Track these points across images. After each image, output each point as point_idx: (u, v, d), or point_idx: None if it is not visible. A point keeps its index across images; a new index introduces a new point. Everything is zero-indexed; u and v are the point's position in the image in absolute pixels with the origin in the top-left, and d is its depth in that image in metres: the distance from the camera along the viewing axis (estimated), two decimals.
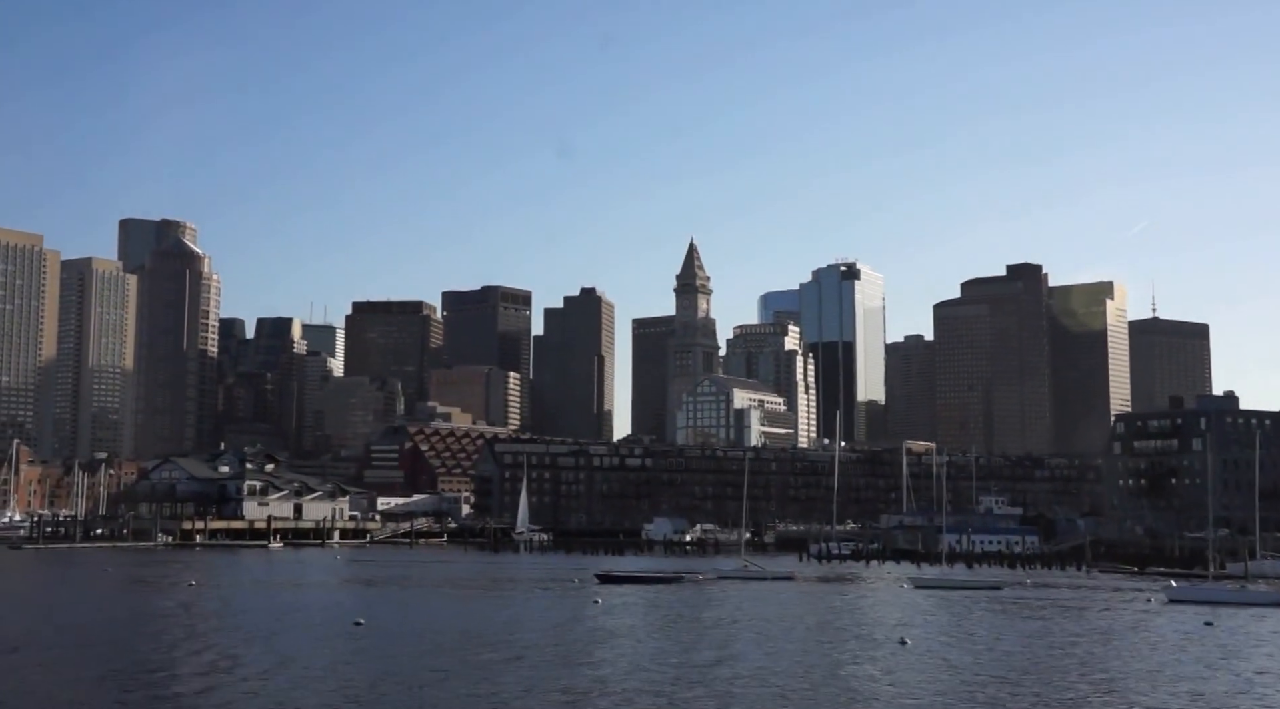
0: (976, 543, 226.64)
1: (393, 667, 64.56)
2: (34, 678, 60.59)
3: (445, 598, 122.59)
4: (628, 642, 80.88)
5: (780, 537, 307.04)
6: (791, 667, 67.95)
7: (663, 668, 66.76)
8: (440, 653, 72.23)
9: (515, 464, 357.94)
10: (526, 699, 55.80)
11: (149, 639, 77.96)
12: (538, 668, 65.93)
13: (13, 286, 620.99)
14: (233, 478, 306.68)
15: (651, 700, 55.68)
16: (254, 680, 59.16)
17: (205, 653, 71.22)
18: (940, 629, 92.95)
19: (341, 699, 54.88)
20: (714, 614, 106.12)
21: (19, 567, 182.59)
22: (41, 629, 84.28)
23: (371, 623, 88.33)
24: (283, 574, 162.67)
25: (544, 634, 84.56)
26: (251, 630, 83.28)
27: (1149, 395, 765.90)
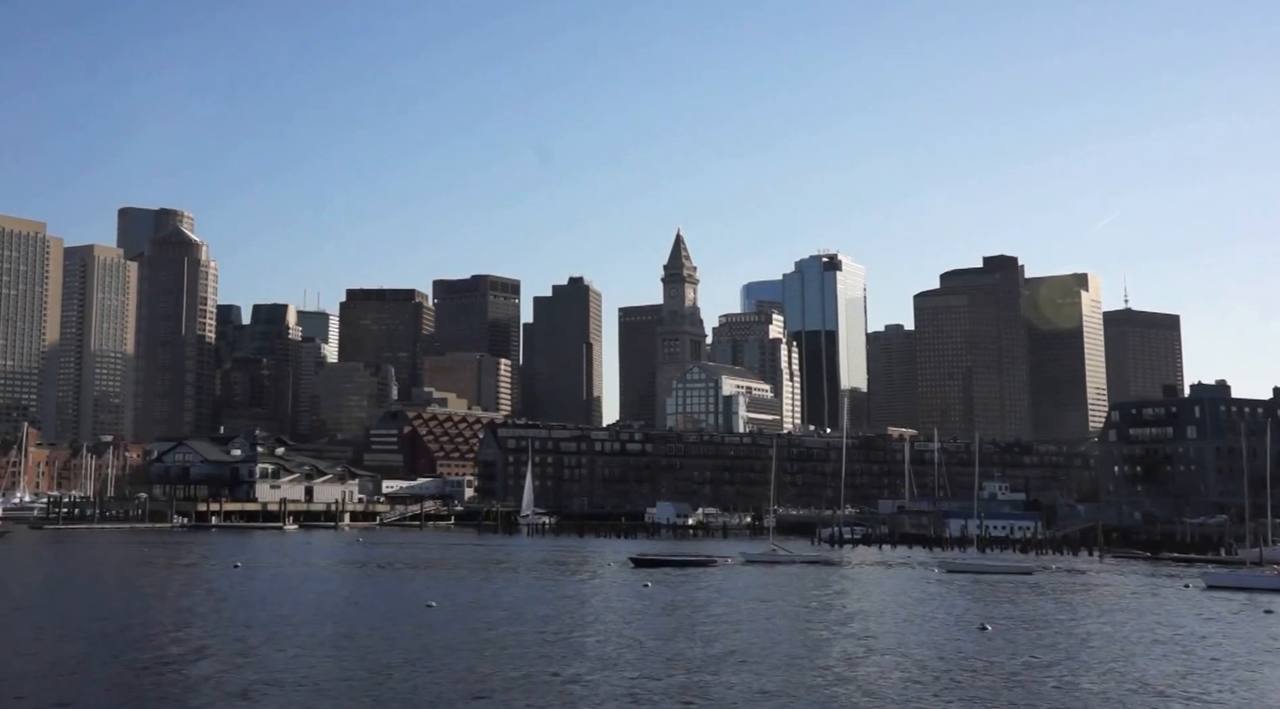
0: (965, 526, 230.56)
1: (526, 655, 64.07)
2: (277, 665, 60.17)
3: (494, 581, 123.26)
4: (747, 627, 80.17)
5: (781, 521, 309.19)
6: (929, 656, 66.77)
7: (817, 655, 66.89)
8: (554, 640, 71.66)
9: (518, 448, 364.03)
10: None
11: (279, 629, 74.83)
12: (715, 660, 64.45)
13: (17, 273, 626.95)
14: (245, 461, 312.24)
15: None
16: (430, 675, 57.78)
17: (352, 646, 68.02)
18: (1008, 614, 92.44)
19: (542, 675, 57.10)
20: (791, 598, 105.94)
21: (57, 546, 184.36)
22: (177, 615, 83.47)
23: (442, 606, 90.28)
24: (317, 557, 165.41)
25: (634, 619, 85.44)
26: (352, 619, 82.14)
27: (1123, 384, 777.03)
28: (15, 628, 74.93)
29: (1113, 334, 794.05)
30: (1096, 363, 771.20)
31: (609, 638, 72.82)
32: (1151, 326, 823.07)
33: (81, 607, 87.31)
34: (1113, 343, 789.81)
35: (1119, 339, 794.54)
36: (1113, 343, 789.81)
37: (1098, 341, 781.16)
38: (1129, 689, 56.38)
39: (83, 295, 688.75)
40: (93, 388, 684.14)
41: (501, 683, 54.70)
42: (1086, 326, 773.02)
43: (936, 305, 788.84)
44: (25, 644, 66.92)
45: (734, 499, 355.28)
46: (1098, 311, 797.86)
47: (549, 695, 52.05)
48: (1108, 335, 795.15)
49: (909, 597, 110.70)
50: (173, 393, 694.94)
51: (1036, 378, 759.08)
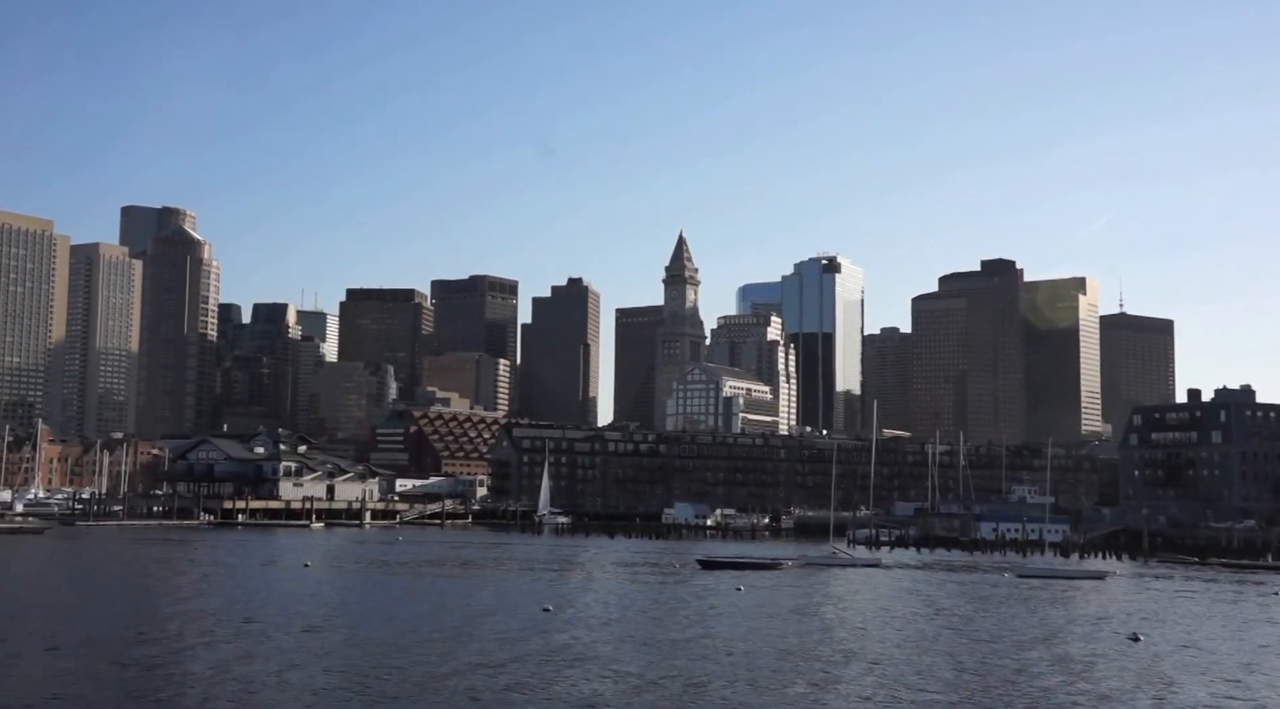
0: (1009, 531, 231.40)
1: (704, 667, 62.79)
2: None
3: (581, 582, 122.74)
4: (888, 638, 78.75)
5: (799, 522, 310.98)
6: (1106, 670, 65.19)
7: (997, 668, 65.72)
8: (704, 645, 71.37)
9: (533, 448, 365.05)
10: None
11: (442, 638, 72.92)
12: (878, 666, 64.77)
13: (24, 270, 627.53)
14: (268, 459, 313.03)
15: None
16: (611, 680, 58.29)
17: (512, 652, 66.90)
18: (1143, 625, 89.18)
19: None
20: (909, 604, 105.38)
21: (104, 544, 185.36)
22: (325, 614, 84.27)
23: (559, 610, 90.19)
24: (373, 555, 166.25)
25: (765, 623, 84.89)
26: (483, 626, 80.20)
27: (1117, 388, 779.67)
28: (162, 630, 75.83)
29: (1106, 338, 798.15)
30: (1092, 366, 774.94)
31: (835, 647, 72.59)
32: (1145, 331, 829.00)
33: (215, 613, 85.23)
34: (1106, 347, 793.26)
35: (1113, 343, 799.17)
36: (1106, 347, 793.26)
37: (1093, 345, 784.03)
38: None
39: (88, 293, 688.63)
40: (97, 385, 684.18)
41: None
42: (1083, 330, 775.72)
43: (934, 308, 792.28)
44: (195, 649, 69.49)
45: (746, 500, 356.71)
46: (1094, 315, 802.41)
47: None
48: (1102, 339, 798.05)
49: (1021, 603, 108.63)
50: (174, 391, 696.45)
51: (1031, 381, 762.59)
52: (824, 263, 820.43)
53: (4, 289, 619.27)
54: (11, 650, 63.02)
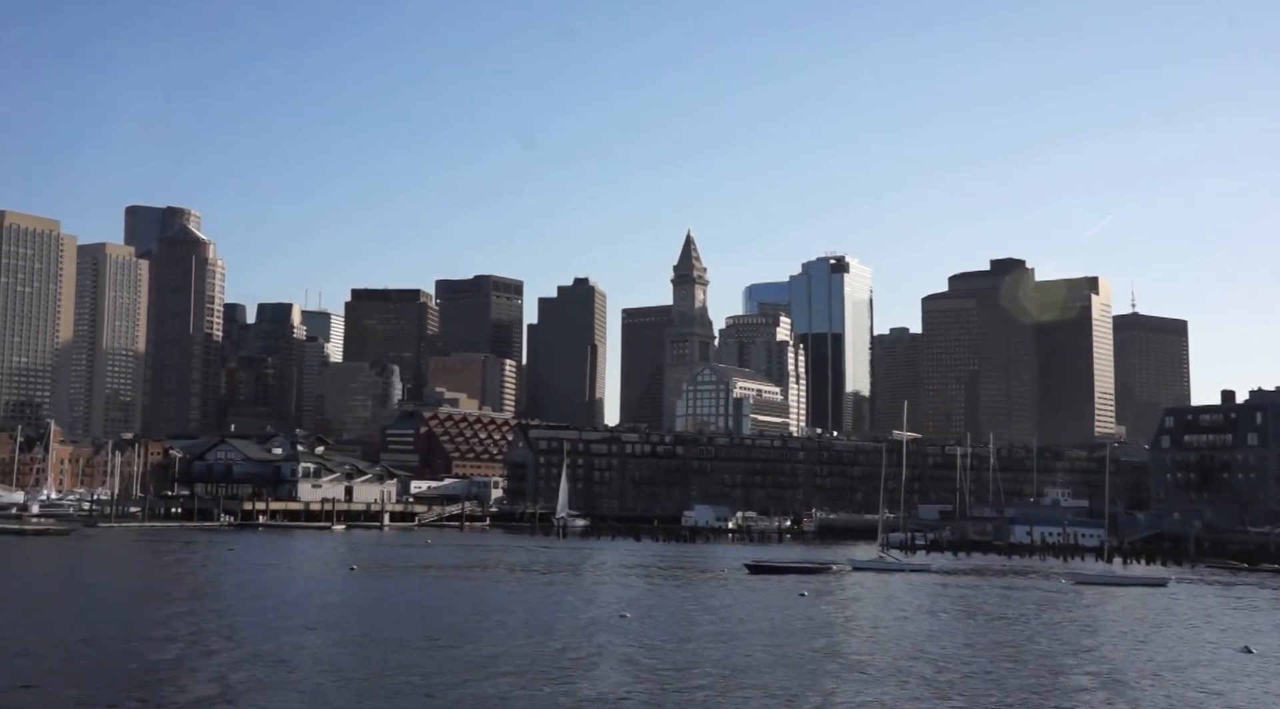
0: (1045, 534, 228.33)
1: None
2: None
3: (637, 589, 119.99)
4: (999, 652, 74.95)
5: (822, 525, 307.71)
6: (1252, 690, 61.88)
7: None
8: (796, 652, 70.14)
9: (549, 450, 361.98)
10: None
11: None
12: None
13: (31, 270, 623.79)
14: (287, 460, 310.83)
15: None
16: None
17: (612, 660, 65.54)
18: (1250, 637, 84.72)
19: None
20: (990, 612, 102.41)
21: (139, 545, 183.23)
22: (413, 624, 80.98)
23: (639, 617, 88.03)
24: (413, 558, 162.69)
25: (882, 633, 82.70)
26: (570, 633, 77.71)
27: (1130, 390, 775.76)
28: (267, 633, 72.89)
29: (1119, 338, 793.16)
30: (1105, 367, 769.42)
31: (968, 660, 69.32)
32: (1159, 331, 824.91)
33: (325, 624, 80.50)
34: (1119, 347, 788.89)
35: (1125, 343, 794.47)
36: (1119, 347, 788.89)
37: (1106, 345, 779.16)
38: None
39: (95, 293, 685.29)
40: (104, 385, 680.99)
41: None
42: (1096, 330, 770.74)
43: (944, 308, 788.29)
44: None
45: (764, 502, 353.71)
46: (1107, 315, 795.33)
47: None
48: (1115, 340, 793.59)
49: (1109, 614, 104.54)
50: (179, 391, 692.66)
51: (1044, 381, 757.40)
52: (832, 262, 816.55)
53: (11, 289, 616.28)
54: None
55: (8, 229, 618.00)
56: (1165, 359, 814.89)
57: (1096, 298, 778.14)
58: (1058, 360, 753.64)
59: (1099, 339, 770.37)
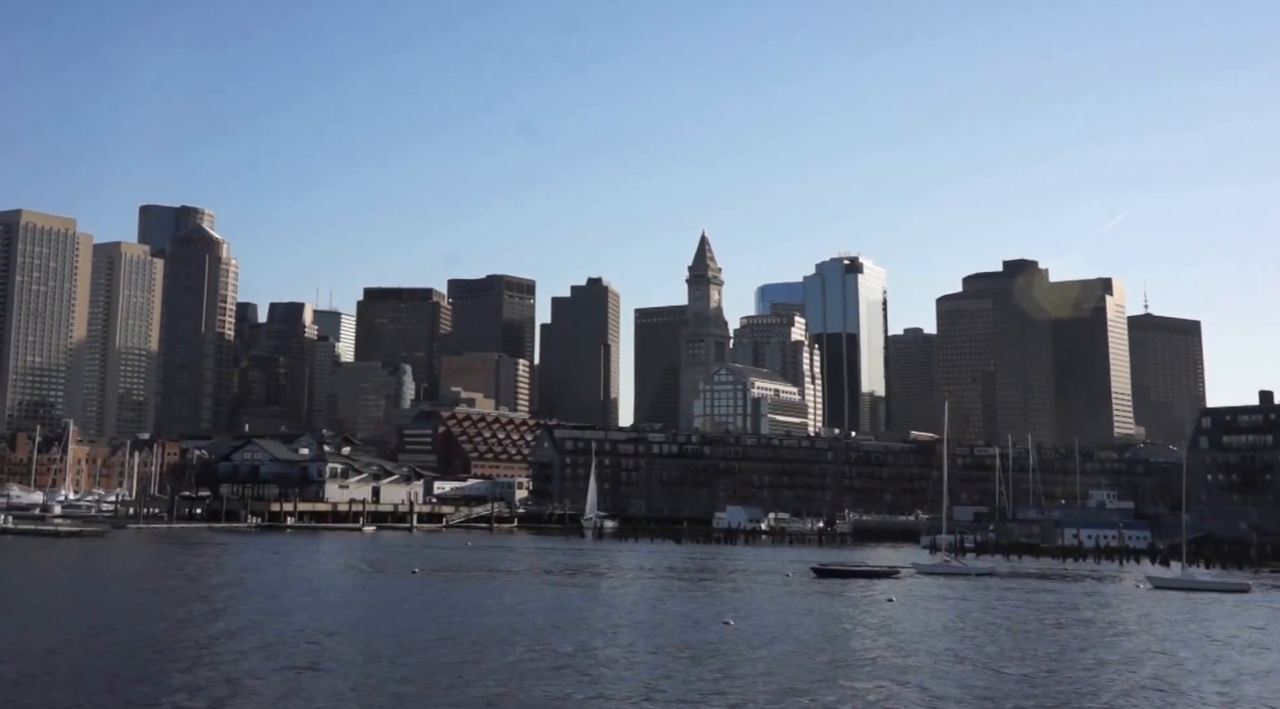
0: (1093, 537, 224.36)
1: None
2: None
3: (714, 592, 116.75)
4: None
5: (856, 527, 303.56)
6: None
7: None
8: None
9: (575, 450, 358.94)
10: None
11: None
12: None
13: (47, 269, 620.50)
14: (314, 460, 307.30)
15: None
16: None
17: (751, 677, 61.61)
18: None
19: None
20: (1118, 617, 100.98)
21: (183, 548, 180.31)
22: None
23: (740, 624, 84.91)
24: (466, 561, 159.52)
25: (1016, 641, 79.51)
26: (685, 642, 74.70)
27: (1145, 390, 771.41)
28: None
29: (1133, 339, 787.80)
30: (1121, 367, 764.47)
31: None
32: (1172, 332, 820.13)
33: (454, 635, 75.43)
34: (1132, 348, 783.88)
35: (1139, 344, 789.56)
36: (1132, 348, 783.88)
37: (1122, 346, 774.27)
38: None
39: (109, 292, 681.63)
40: (117, 385, 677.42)
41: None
42: (1111, 331, 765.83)
43: (959, 309, 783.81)
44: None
45: (792, 503, 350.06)
46: (1122, 316, 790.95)
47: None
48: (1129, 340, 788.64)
49: (1221, 624, 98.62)
50: (191, 391, 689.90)
51: (1059, 382, 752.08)
52: (846, 263, 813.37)
53: (26, 288, 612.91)
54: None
55: (24, 228, 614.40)
56: (1179, 360, 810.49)
57: (1111, 298, 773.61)
58: (1073, 361, 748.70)
59: (1114, 339, 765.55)
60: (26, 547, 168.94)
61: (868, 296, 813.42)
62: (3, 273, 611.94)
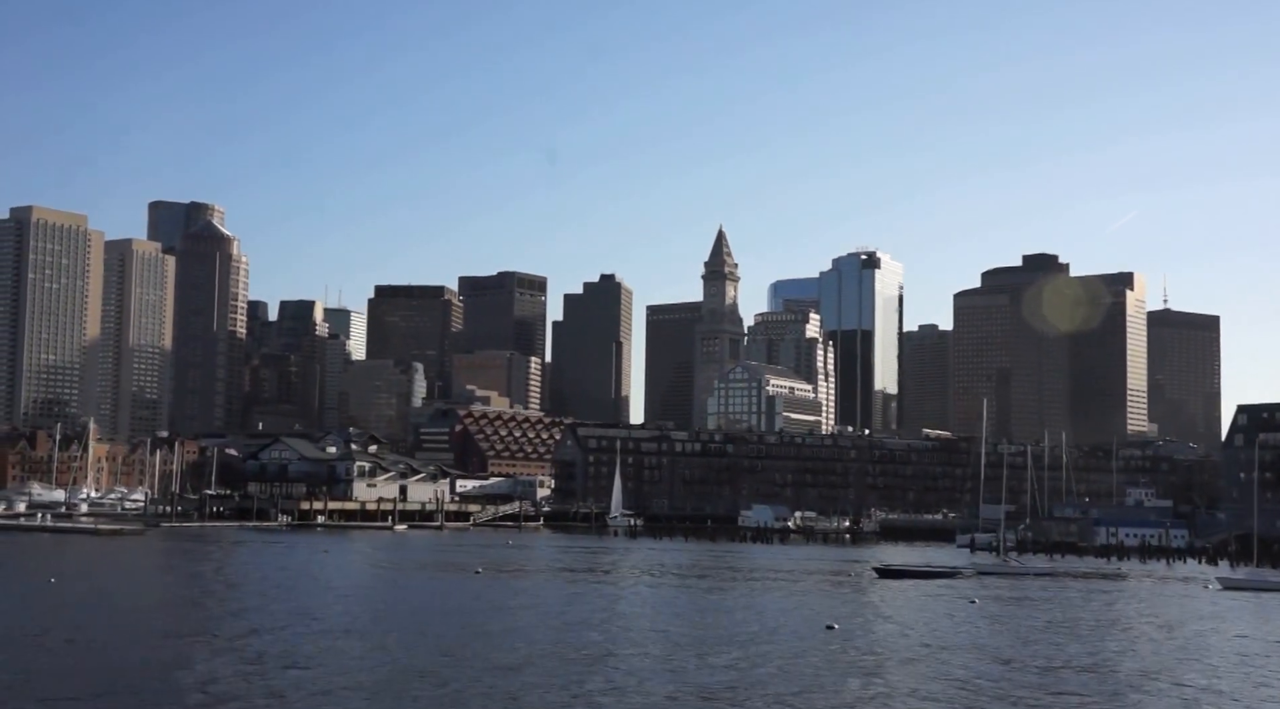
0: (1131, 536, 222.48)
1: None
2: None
3: (782, 594, 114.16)
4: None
5: (884, 526, 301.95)
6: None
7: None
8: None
9: (598, 448, 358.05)
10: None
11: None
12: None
13: (59, 267, 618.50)
14: (341, 459, 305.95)
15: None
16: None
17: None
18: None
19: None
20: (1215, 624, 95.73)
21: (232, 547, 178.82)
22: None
23: (845, 629, 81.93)
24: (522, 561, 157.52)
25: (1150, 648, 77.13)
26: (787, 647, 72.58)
27: (1160, 387, 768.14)
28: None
29: (1150, 335, 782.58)
30: (1139, 364, 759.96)
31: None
32: (1190, 327, 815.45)
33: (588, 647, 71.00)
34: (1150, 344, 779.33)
35: (1156, 340, 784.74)
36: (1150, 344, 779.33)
37: (1140, 343, 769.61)
38: None
39: (121, 290, 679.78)
40: (130, 383, 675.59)
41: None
42: (1130, 327, 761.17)
43: (976, 305, 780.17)
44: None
45: (815, 501, 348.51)
46: (1141, 312, 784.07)
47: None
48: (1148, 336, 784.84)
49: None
50: (203, 389, 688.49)
51: (1076, 379, 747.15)
52: (863, 258, 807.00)
53: (40, 285, 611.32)
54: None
55: (35, 224, 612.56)
56: (1196, 356, 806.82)
57: (1131, 294, 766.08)
58: (1091, 357, 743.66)
59: (1133, 336, 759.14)
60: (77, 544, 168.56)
61: (884, 292, 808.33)
62: (15, 270, 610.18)
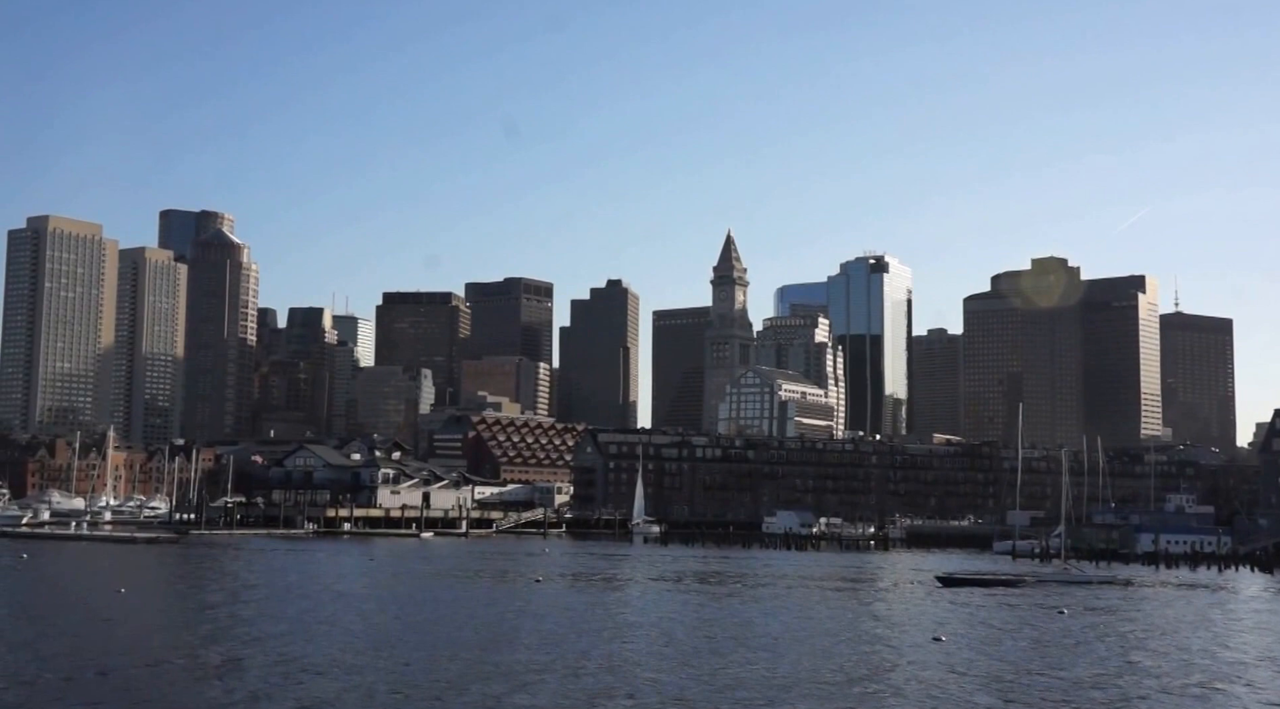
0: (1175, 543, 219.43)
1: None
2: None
3: (867, 601, 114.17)
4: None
5: (912, 532, 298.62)
6: None
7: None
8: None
9: (619, 454, 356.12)
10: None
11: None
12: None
13: (74, 275, 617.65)
14: (366, 466, 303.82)
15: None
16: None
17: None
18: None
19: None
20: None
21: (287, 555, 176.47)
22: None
23: (952, 640, 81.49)
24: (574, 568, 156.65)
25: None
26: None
27: (1173, 390, 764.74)
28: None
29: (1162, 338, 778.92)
30: (1152, 367, 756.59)
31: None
32: (1203, 330, 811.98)
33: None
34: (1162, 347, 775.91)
35: (1168, 343, 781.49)
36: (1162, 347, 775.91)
37: (1153, 345, 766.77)
38: None
39: (134, 298, 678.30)
40: (143, 391, 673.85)
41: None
42: (1143, 330, 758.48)
43: (986, 308, 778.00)
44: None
45: (837, 507, 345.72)
46: (1154, 314, 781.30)
47: None
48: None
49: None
50: (214, 396, 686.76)
51: (1088, 382, 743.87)
52: (871, 262, 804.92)
53: (55, 294, 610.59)
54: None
55: (52, 234, 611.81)
56: (1209, 359, 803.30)
57: (1143, 296, 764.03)
58: (1103, 360, 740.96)
59: (1145, 338, 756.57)
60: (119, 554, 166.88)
61: (892, 296, 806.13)
62: (32, 279, 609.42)
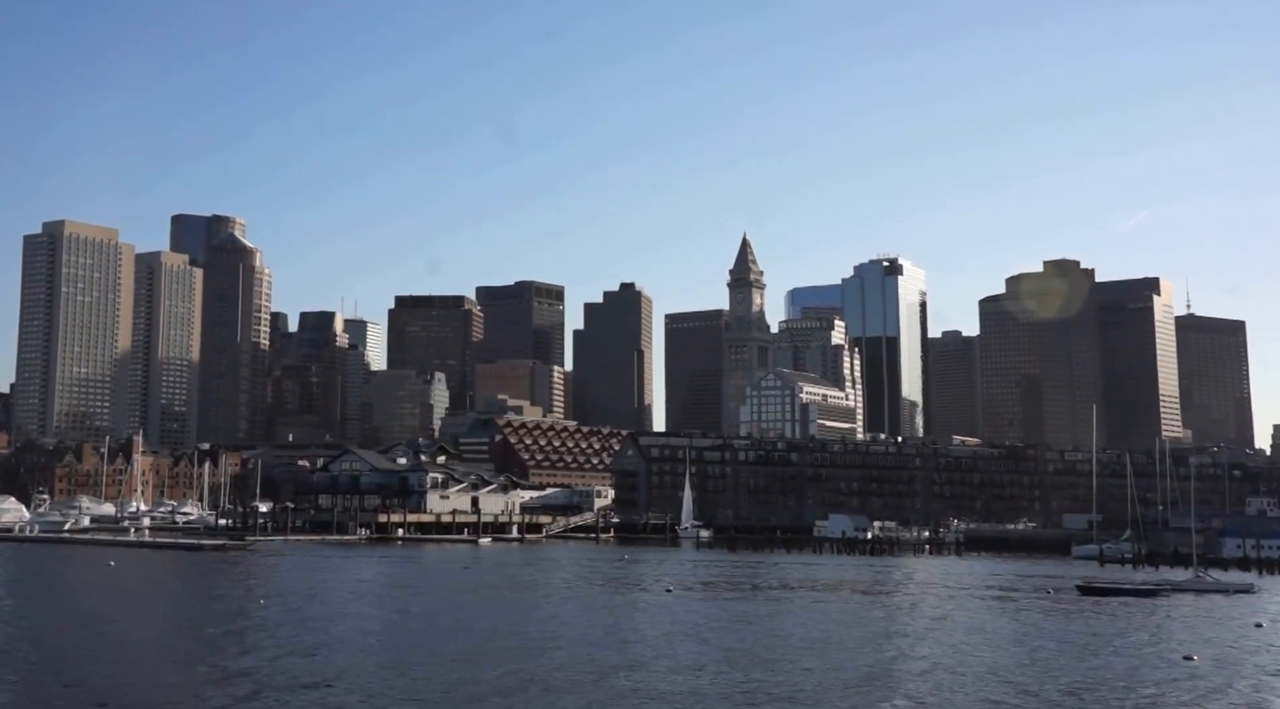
0: (1269, 548, 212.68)
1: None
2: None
3: (1049, 615, 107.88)
4: None
5: (969, 536, 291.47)
6: None
7: None
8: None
9: (662, 458, 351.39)
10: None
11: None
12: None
13: (91, 280, 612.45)
14: (413, 470, 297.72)
15: None
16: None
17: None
18: None
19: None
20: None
21: (387, 562, 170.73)
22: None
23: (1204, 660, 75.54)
24: (681, 576, 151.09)
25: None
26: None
27: (1189, 392, 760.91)
28: None
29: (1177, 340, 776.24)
30: (1169, 369, 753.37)
31: None
32: (1216, 332, 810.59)
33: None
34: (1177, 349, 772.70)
35: (1182, 345, 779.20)
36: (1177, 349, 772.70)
37: (1169, 347, 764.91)
38: None
39: (150, 302, 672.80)
40: (159, 396, 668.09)
41: None
42: (1159, 332, 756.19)
43: (1002, 310, 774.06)
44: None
45: (881, 511, 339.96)
46: (1169, 316, 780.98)
47: None
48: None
49: None
50: (227, 400, 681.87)
51: (1105, 384, 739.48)
52: (885, 265, 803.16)
53: (72, 299, 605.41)
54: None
55: (68, 238, 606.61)
56: (1223, 361, 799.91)
57: (1158, 299, 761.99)
58: (1120, 363, 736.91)
59: (1162, 340, 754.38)
60: (203, 561, 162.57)
61: (906, 299, 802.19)
62: (49, 284, 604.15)
